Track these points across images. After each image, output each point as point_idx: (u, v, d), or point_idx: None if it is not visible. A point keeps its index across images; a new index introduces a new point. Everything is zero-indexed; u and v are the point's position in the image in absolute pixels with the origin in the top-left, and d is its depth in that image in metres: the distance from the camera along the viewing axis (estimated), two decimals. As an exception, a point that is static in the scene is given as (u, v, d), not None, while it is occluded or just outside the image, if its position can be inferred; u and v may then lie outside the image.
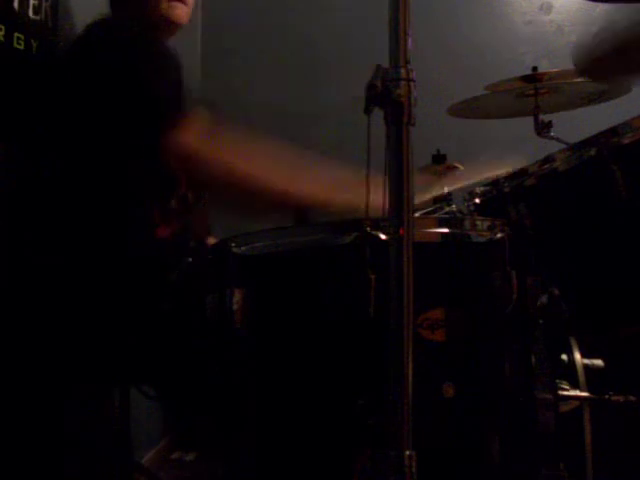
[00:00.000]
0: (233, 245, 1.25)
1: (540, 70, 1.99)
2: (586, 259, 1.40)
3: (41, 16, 1.69)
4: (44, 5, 1.71)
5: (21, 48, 1.61)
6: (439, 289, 1.18)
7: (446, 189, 2.01)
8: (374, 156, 0.96)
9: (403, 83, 0.89)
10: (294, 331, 1.20)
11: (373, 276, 1.09)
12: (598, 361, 1.37)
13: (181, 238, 1.59)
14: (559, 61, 2.47)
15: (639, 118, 1.32)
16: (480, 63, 3.09)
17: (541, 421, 1.26)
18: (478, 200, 1.58)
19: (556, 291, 1.32)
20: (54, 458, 1.48)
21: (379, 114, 0.91)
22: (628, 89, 1.93)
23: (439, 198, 2.00)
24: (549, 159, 1.43)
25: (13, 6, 1.60)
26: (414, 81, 0.90)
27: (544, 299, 1.31)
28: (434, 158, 2.22)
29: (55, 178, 1.48)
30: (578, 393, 1.32)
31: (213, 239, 1.71)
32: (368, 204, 1.05)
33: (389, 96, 0.89)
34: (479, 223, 1.24)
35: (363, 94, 0.91)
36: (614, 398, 1.31)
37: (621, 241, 1.35)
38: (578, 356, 1.36)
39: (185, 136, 1.37)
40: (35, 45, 1.66)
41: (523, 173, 1.48)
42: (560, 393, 1.30)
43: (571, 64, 1.57)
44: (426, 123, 1.05)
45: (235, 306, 1.23)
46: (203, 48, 3.38)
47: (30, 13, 1.66)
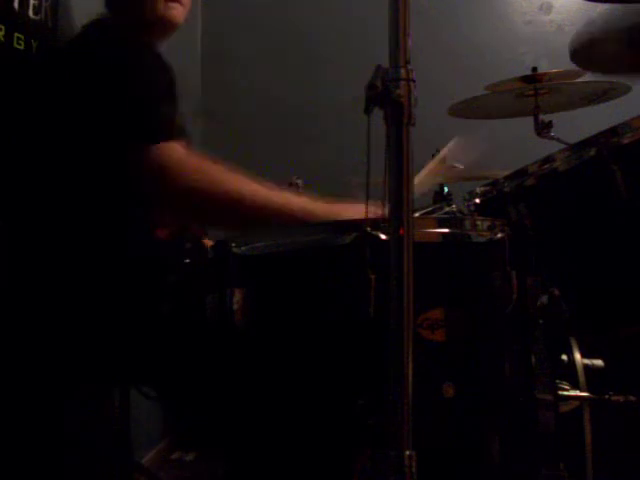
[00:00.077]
0: (233, 245, 1.25)
1: (540, 70, 1.99)
2: (586, 259, 1.40)
3: (41, 16, 1.70)
4: (44, 5, 1.71)
5: (21, 48, 1.61)
6: (439, 289, 1.18)
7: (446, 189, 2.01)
8: (374, 156, 0.96)
9: (403, 83, 0.89)
10: (294, 331, 1.20)
11: (373, 276, 1.09)
12: (598, 361, 1.37)
13: (178, 240, 1.59)
14: (559, 61, 2.47)
15: (639, 118, 1.32)
16: (480, 63, 3.09)
17: (541, 421, 1.27)
18: (478, 200, 1.58)
19: (556, 291, 1.32)
20: (54, 458, 1.48)
21: (379, 114, 0.92)
22: (628, 89, 1.92)
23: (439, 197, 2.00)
24: (549, 159, 1.43)
25: (13, 6, 1.60)
26: (414, 81, 0.90)
27: (544, 299, 1.31)
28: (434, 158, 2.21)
29: (54, 178, 1.48)
30: (578, 393, 1.32)
31: (209, 241, 1.71)
32: (368, 204, 1.06)
33: (389, 96, 0.89)
34: (479, 223, 1.24)
35: (363, 94, 0.91)
36: (614, 398, 1.31)
37: (621, 241, 1.35)
38: (578, 356, 1.36)
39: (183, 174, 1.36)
40: (35, 45, 1.66)
41: (523, 173, 1.48)
42: (560, 393, 1.30)
43: (571, 64, 1.57)
44: (426, 123, 1.05)
45: (235, 306, 1.23)
46: (203, 48, 3.39)
47: (30, 13, 1.66)
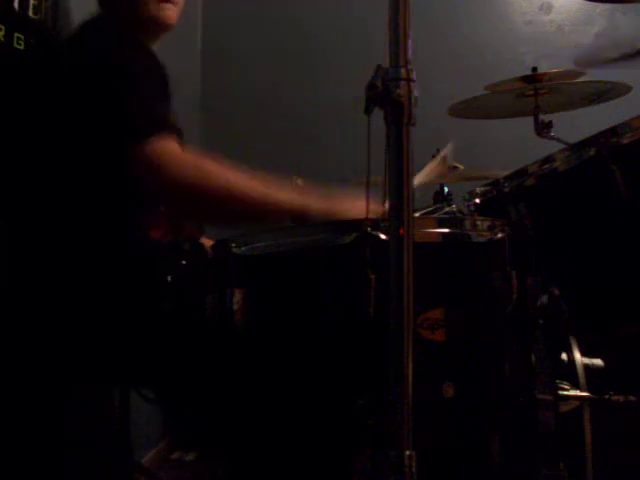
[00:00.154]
0: (233, 245, 1.25)
1: (540, 70, 1.99)
2: (586, 259, 1.40)
3: (41, 16, 1.69)
4: (44, 5, 1.71)
5: (21, 48, 1.61)
6: (439, 289, 1.18)
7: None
8: (374, 156, 0.96)
9: (403, 83, 0.89)
10: (294, 331, 1.20)
11: (373, 276, 1.09)
12: (598, 361, 1.37)
13: (173, 240, 1.58)
14: (559, 61, 2.47)
15: (638, 118, 1.32)
16: (480, 63, 3.09)
17: (541, 421, 1.27)
18: (478, 200, 1.58)
19: (556, 291, 1.32)
20: (54, 458, 1.48)
21: (379, 114, 0.91)
22: (628, 89, 1.92)
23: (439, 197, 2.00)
24: (549, 159, 1.43)
25: (13, 6, 1.60)
26: (414, 81, 0.90)
27: (544, 299, 1.31)
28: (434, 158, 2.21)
29: (53, 177, 1.47)
30: (578, 393, 1.32)
31: (208, 240, 1.71)
32: (368, 204, 1.06)
33: (389, 96, 0.89)
34: (479, 223, 1.24)
35: (363, 94, 0.91)
36: (614, 398, 1.31)
37: (621, 241, 1.35)
38: (578, 356, 1.36)
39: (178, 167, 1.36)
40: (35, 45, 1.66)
41: (523, 173, 1.48)
42: (560, 393, 1.30)
43: (571, 64, 1.57)
44: (426, 123, 1.05)
45: (235, 306, 1.23)
46: (203, 48, 3.38)
47: (30, 13, 1.66)
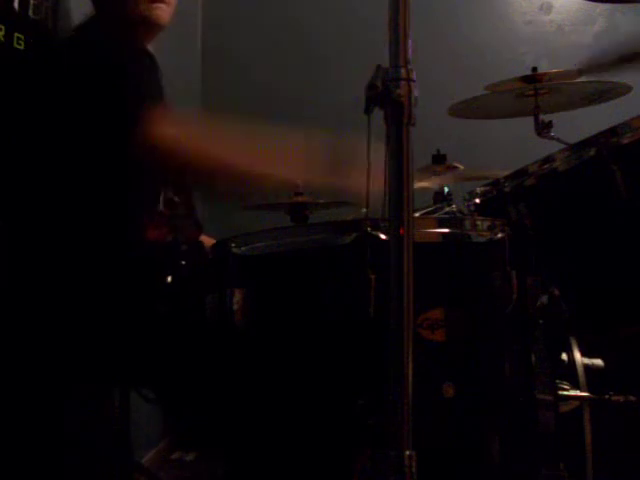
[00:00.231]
0: (233, 245, 1.25)
1: (540, 70, 1.99)
2: (586, 259, 1.40)
3: (41, 16, 1.69)
4: (44, 5, 1.71)
5: (21, 48, 1.61)
6: (439, 289, 1.18)
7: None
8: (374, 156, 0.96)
9: (403, 83, 0.89)
10: (294, 331, 1.20)
11: (373, 276, 1.09)
12: (598, 361, 1.37)
13: (172, 241, 1.58)
14: (559, 61, 2.47)
15: (638, 118, 1.32)
16: (480, 63, 3.09)
17: (541, 421, 1.27)
18: (478, 200, 1.58)
19: (556, 291, 1.32)
20: (54, 458, 1.48)
21: (379, 114, 0.91)
22: (628, 89, 1.92)
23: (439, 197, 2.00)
24: (549, 159, 1.43)
25: (13, 6, 1.60)
26: (414, 81, 0.90)
27: (544, 299, 1.31)
28: (434, 158, 2.21)
29: (52, 177, 1.47)
30: (578, 393, 1.32)
31: (208, 239, 1.71)
32: (368, 204, 1.05)
33: (389, 96, 0.89)
34: (479, 223, 1.24)
35: (363, 94, 0.91)
36: (614, 398, 1.31)
37: (621, 241, 1.35)
38: (578, 356, 1.36)
39: (162, 129, 1.35)
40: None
41: (523, 173, 1.48)
42: (560, 393, 1.30)
43: (571, 64, 1.57)
44: (426, 123, 1.05)
45: (235, 306, 1.23)
46: (203, 47, 3.38)
47: (30, 13, 1.66)
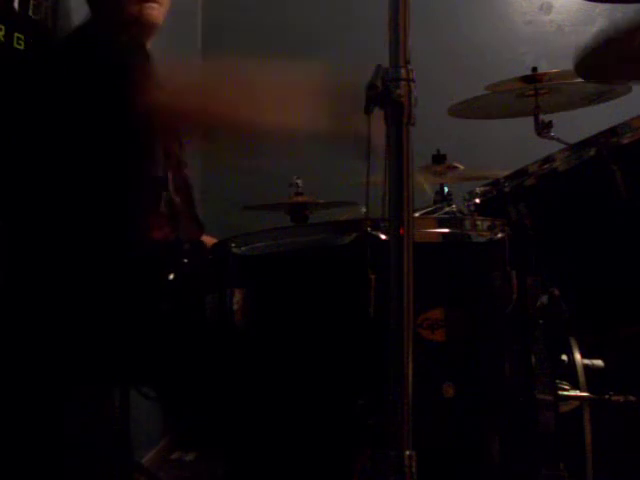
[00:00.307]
0: (233, 245, 1.25)
1: (540, 70, 1.99)
2: (586, 259, 1.40)
3: (41, 16, 1.69)
4: (44, 5, 1.71)
5: (21, 48, 1.61)
6: (439, 289, 1.18)
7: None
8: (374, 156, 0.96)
9: (403, 83, 0.89)
10: (294, 331, 1.20)
11: (373, 276, 1.09)
12: (598, 361, 1.37)
13: (174, 240, 1.58)
14: (559, 61, 2.47)
15: (638, 118, 1.32)
16: (480, 63, 3.09)
17: (541, 421, 1.27)
18: (478, 200, 1.58)
19: (556, 291, 1.32)
20: (54, 458, 1.48)
21: (379, 114, 0.91)
22: (628, 89, 1.92)
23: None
24: (549, 159, 1.43)
25: (13, 6, 1.60)
26: (414, 81, 0.90)
27: (544, 299, 1.31)
28: (434, 158, 2.21)
29: (52, 177, 1.47)
30: (578, 393, 1.32)
31: (210, 238, 1.71)
32: (368, 203, 1.05)
33: (389, 96, 0.89)
34: (479, 223, 1.24)
35: (363, 94, 0.91)
36: (614, 398, 1.30)
37: (621, 241, 1.35)
38: (578, 356, 1.36)
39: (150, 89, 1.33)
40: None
41: (523, 173, 1.48)
42: (560, 393, 1.30)
43: (572, 64, 1.57)
44: (426, 123, 1.05)
45: (235, 306, 1.23)
46: (203, 47, 3.38)
47: (30, 13, 1.66)
